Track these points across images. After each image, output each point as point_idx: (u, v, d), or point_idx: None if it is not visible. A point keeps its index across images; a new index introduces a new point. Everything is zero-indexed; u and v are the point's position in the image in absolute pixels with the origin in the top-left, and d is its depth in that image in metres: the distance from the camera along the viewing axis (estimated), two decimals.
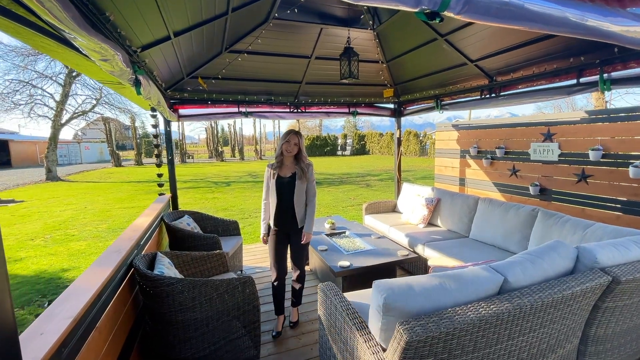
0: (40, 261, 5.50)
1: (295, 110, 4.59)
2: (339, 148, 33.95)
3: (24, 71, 17.08)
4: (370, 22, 3.54)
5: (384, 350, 1.48)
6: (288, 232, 2.68)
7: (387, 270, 3.06)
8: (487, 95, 3.67)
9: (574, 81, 2.78)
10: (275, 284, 2.73)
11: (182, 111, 4.05)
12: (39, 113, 18.14)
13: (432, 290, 1.50)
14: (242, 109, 4.27)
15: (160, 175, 3.89)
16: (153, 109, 3.60)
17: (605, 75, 2.52)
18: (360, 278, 2.98)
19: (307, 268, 4.00)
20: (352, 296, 2.25)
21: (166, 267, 2.20)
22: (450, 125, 5.16)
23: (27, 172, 21.10)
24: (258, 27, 3.27)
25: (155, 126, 3.87)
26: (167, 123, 3.93)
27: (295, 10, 3.08)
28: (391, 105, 5.22)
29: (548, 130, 3.73)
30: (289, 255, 2.76)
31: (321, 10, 3.29)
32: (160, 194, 3.97)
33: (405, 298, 1.46)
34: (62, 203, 10.80)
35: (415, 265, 3.66)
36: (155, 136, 3.94)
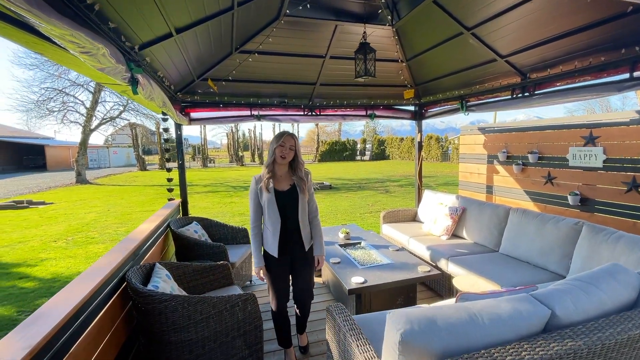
0: (59, 263, 5.58)
1: (310, 113, 4.40)
2: (358, 153, 33.57)
3: (58, 80, 18.06)
4: (389, 17, 3.30)
5: None
6: (291, 259, 2.26)
7: (406, 288, 2.77)
8: (519, 95, 3.32)
9: (627, 75, 2.41)
10: (277, 312, 2.30)
11: (193, 114, 3.95)
12: (70, 119, 19.09)
13: (460, 325, 1.23)
14: (255, 112, 4.13)
15: (170, 180, 3.79)
16: (164, 112, 3.51)
17: None
18: (376, 296, 2.70)
19: (319, 280, 3.76)
20: (366, 320, 1.99)
21: (162, 281, 2.04)
22: (476, 129, 4.79)
23: (60, 175, 22.19)
24: (269, 25, 3.10)
25: (166, 130, 3.79)
26: (178, 127, 3.84)
27: (308, 5, 2.90)
28: (412, 108, 4.92)
29: (590, 133, 3.32)
30: None
31: (335, 5, 3.09)
32: (170, 199, 3.87)
33: (426, 334, 1.19)
34: (88, 205, 11.14)
35: (439, 283, 3.33)
36: (166, 140, 3.87)
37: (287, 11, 2.97)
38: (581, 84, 2.74)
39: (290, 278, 2.34)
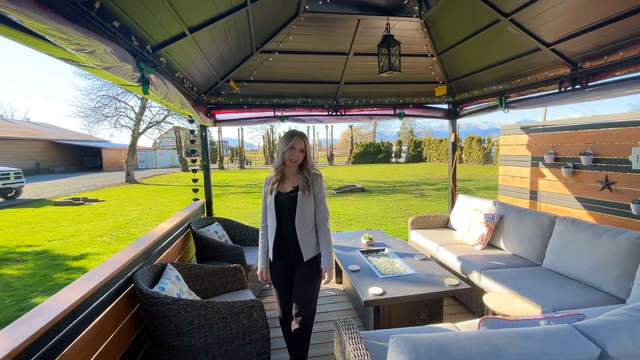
0: (102, 258, 5.98)
1: (334, 113, 4.27)
2: (393, 155, 32.70)
3: (112, 87, 19.69)
4: (417, 8, 3.07)
5: None
6: (293, 265, 2.09)
7: (430, 302, 2.52)
8: (569, 88, 2.91)
9: None
10: (282, 318, 2.20)
11: (218, 116, 4.00)
12: (122, 123, 20.73)
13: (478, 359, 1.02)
14: (278, 113, 4.08)
15: (195, 181, 3.86)
16: (190, 115, 3.58)
17: None
18: (397, 309, 2.49)
19: (340, 287, 3.60)
20: (378, 338, 1.80)
21: (171, 282, 2.01)
22: (519, 128, 4.33)
23: (113, 175, 24.19)
24: (288, 22, 3.03)
25: (192, 131, 3.87)
26: (203, 128, 3.90)
27: (327, 0, 2.77)
28: (445, 106, 4.59)
29: None
30: None
31: None
32: (195, 199, 3.95)
33: None
34: (133, 203, 11.95)
35: (470, 297, 3.01)
36: (192, 141, 3.95)
37: (307, 7, 2.87)
38: None
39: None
